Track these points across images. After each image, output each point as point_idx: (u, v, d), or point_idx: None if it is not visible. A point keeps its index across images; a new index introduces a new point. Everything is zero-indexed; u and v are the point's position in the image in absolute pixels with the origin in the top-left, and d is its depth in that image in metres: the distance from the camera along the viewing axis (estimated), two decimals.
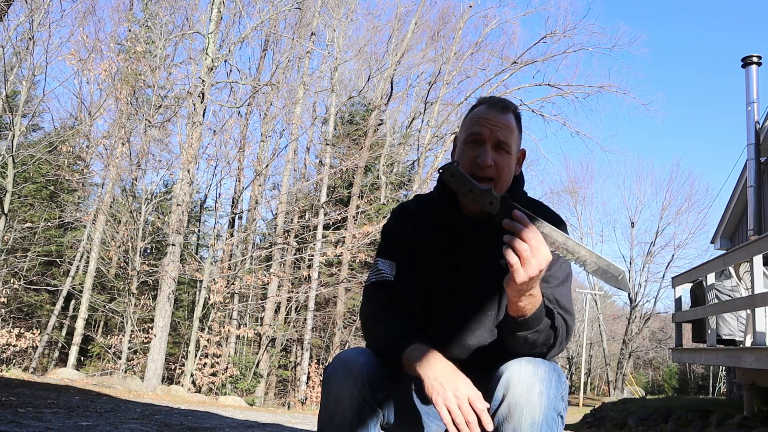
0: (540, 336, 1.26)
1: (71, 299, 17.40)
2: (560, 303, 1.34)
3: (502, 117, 1.41)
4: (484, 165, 1.37)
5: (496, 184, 1.39)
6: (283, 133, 18.58)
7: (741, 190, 9.83)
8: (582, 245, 1.20)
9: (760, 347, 4.99)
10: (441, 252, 1.44)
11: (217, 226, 17.55)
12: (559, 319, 1.31)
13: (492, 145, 1.39)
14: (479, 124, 1.41)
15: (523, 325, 1.24)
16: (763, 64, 8.81)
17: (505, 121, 1.41)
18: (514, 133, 1.42)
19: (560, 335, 1.31)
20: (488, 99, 1.47)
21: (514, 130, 1.43)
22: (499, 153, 1.39)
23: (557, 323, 1.30)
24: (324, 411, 1.31)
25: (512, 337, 1.28)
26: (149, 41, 15.46)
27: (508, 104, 1.46)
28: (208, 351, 13.48)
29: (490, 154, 1.38)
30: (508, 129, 1.41)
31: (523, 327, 1.24)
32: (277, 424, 5.86)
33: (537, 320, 1.24)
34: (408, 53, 19.94)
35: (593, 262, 1.19)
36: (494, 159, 1.38)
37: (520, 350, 1.29)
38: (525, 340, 1.26)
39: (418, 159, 20.14)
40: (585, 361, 33.40)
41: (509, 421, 1.16)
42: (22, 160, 12.94)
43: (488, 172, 1.38)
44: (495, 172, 1.38)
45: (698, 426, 6.41)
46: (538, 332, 1.25)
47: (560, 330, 1.31)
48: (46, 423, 3.80)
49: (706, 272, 6.67)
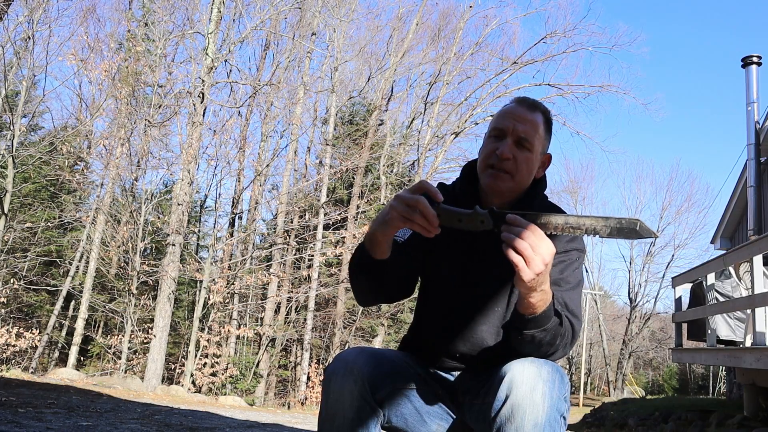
0: (547, 335, 1.26)
1: (71, 299, 17.38)
2: (569, 307, 1.34)
3: (528, 114, 1.41)
4: (503, 157, 1.37)
5: (512, 178, 1.39)
6: (283, 133, 18.60)
7: (741, 190, 9.83)
8: (585, 215, 1.19)
9: (760, 347, 4.99)
10: (453, 244, 1.45)
11: (217, 226, 17.54)
12: (566, 322, 1.31)
13: (513, 139, 1.39)
14: (504, 118, 1.42)
15: (532, 322, 1.23)
16: (763, 64, 8.81)
17: (530, 118, 1.41)
18: (538, 131, 1.41)
19: (566, 338, 1.30)
20: (519, 97, 1.48)
21: (539, 129, 1.42)
22: (520, 149, 1.39)
23: (564, 325, 1.30)
24: (324, 411, 1.31)
25: (519, 335, 1.27)
26: (148, 40, 15.45)
27: (537, 104, 1.45)
28: (208, 351, 13.48)
29: (510, 147, 1.38)
30: (532, 127, 1.40)
31: (531, 324, 1.24)
32: (277, 424, 5.86)
33: (546, 318, 1.23)
34: (408, 53, 19.94)
35: (604, 226, 1.18)
36: (514, 153, 1.38)
37: (526, 350, 1.28)
38: (532, 339, 1.26)
39: (418, 159, 20.13)
40: (585, 361, 33.39)
41: (512, 422, 1.15)
42: (22, 160, 12.93)
43: (506, 165, 1.38)
44: (513, 166, 1.38)
45: (698, 426, 6.41)
46: (545, 331, 1.25)
47: (566, 332, 1.30)
48: (46, 423, 3.80)
49: (706, 272, 6.66)
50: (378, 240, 1.29)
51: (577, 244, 1.42)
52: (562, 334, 1.29)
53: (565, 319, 1.31)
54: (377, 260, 1.32)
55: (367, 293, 1.45)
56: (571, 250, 1.41)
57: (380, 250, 1.31)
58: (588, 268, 32.98)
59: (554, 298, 1.26)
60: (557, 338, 1.28)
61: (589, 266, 32.99)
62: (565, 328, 1.30)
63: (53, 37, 13.37)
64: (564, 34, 19.18)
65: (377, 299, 1.47)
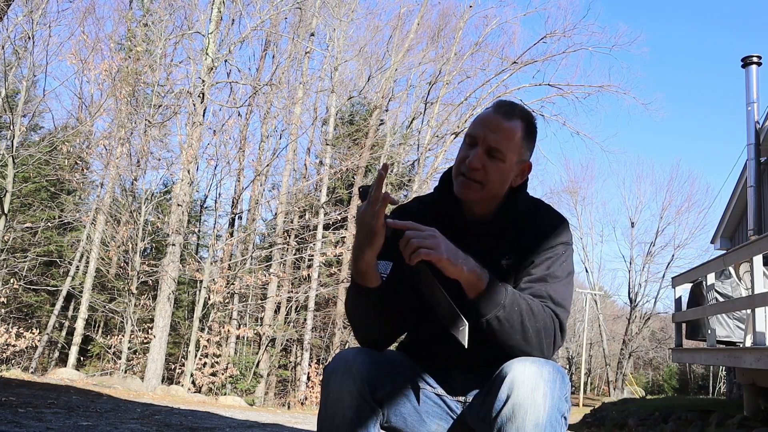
0: (512, 314, 1.25)
1: (71, 299, 17.39)
2: (553, 298, 1.34)
3: (503, 122, 1.37)
4: (471, 166, 1.36)
5: (483, 188, 1.38)
6: (283, 133, 18.58)
7: (741, 190, 9.83)
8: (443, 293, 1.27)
9: (760, 347, 4.99)
10: None
11: (217, 226, 17.59)
12: (548, 311, 1.31)
13: (484, 149, 1.36)
14: (477, 125, 1.39)
15: (484, 301, 1.25)
16: (763, 64, 8.81)
17: (505, 126, 1.37)
18: (512, 140, 1.37)
19: (549, 326, 1.30)
20: (498, 102, 1.44)
21: (515, 137, 1.37)
22: (491, 159, 1.37)
23: (546, 313, 1.30)
24: (323, 410, 1.30)
25: (486, 324, 1.26)
26: (148, 40, 15.45)
27: (514, 110, 1.41)
28: (208, 351, 13.48)
29: (480, 157, 1.36)
30: (505, 136, 1.36)
31: (484, 304, 1.25)
32: (277, 424, 5.86)
33: (495, 293, 1.25)
34: (408, 53, 19.94)
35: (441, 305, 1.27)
36: (484, 163, 1.36)
37: (508, 341, 1.28)
38: (499, 322, 1.25)
39: (418, 159, 20.13)
40: (585, 361, 33.39)
41: (513, 422, 1.15)
42: (22, 160, 12.92)
43: (474, 174, 1.37)
44: (482, 176, 1.37)
45: (698, 426, 6.41)
46: (504, 308, 1.25)
47: (549, 321, 1.30)
48: (46, 423, 3.79)
49: (706, 272, 6.66)
50: (366, 264, 1.32)
51: (562, 237, 1.42)
52: (534, 312, 1.28)
53: (547, 309, 1.31)
54: (372, 288, 1.34)
55: (370, 323, 1.41)
56: (557, 245, 1.40)
57: (370, 277, 1.34)
58: (588, 268, 33.01)
59: (537, 294, 1.32)
60: (528, 318, 1.27)
61: (589, 266, 33.02)
62: (541, 312, 1.29)
63: (53, 37, 13.42)
64: (564, 33, 19.20)
65: (382, 329, 1.42)
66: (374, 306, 1.36)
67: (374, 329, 1.42)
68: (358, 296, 1.37)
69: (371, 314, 1.38)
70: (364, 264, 1.32)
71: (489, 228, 1.44)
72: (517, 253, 1.42)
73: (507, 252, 1.42)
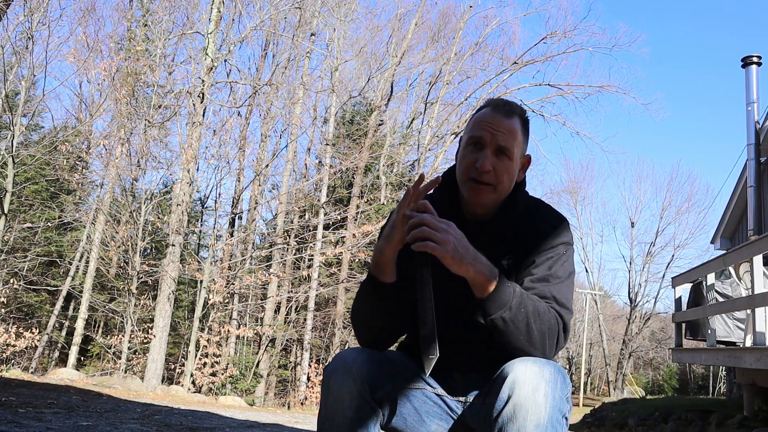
0: (518, 315, 1.25)
1: (71, 299, 17.38)
2: (557, 299, 1.34)
3: (505, 121, 1.39)
4: (483, 170, 1.37)
5: (494, 189, 1.38)
6: (283, 133, 18.59)
7: (741, 190, 9.83)
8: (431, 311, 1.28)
9: (760, 347, 4.98)
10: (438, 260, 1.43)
11: (217, 226, 17.54)
12: (552, 312, 1.31)
13: (492, 150, 1.38)
14: (481, 127, 1.40)
15: (490, 302, 1.25)
16: (763, 64, 8.81)
17: (508, 125, 1.39)
18: (517, 138, 1.40)
19: (553, 328, 1.30)
20: (494, 101, 1.45)
21: (518, 135, 1.41)
22: (500, 158, 1.38)
23: (551, 315, 1.30)
24: (324, 410, 1.30)
25: (491, 324, 1.27)
26: (148, 40, 15.45)
27: (513, 108, 1.43)
28: (207, 351, 13.47)
29: (490, 160, 1.37)
30: (510, 134, 1.39)
31: (491, 305, 1.25)
32: (277, 424, 5.86)
33: (504, 294, 1.25)
34: (408, 53, 19.95)
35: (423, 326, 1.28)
36: (494, 164, 1.37)
37: (513, 342, 1.28)
38: (504, 323, 1.25)
39: (418, 159, 20.14)
40: (585, 361, 33.39)
41: (514, 422, 1.15)
42: (22, 160, 12.92)
43: (486, 177, 1.37)
44: (494, 178, 1.38)
45: (698, 426, 6.41)
46: (510, 309, 1.25)
47: (553, 322, 1.30)
48: (46, 423, 3.79)
49: (706, 272, 6.66)
50: (386, 257, 1.33)
51: (563, 237, 1.42)
52: (540, 314, 1.28)
53: (552, 310, 1.31)
54: (386, 283, 1.35)
55: (374, 323, 1.42)
56: (558, 245, 1.41)
57: (388, 270, 1.34)
58: (588, 268, 33.02)
59: (540, 294, 1.31)
60: (534, 320, 1.27)
61: (589, 266, 33.03)
62: (546, 313, 1.29)
63: (53, 37, 13.40)
64: (564, 34, 19.21)
65: (385, 329, 1.42)
66: (384, 302, 1.37)
67: (377, 329, 1.43)
68: (371, 290, 1.37)
69: (377, 312, 1.39)
70: (383, 256, 1.33)
71: (489, 228, 1.44)
72: (517, 252, 1.42)
73: (507, 252, 1.43)
